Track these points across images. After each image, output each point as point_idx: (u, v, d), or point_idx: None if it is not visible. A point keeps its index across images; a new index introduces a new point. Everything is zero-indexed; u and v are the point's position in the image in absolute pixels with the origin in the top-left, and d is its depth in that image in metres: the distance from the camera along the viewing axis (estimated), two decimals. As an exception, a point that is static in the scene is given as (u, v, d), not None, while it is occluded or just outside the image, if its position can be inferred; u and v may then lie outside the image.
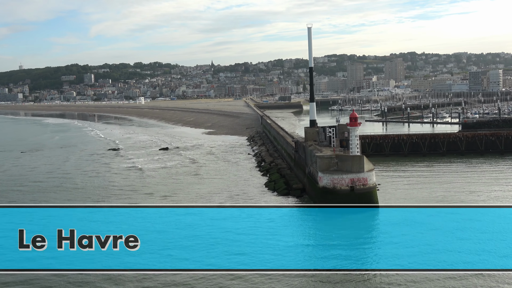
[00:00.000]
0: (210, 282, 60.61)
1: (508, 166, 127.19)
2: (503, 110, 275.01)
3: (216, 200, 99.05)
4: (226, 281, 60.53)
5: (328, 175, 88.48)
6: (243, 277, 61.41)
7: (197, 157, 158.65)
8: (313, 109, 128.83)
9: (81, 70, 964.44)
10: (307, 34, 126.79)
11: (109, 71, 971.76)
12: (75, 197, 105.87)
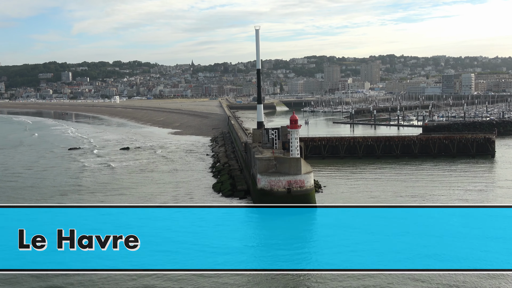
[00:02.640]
0: (140, 282, 61.32)
1: (454, 170, 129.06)
2: (470, 113, 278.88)
3: (158, 200, 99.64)
4: (155, 281, 61.38)
5: (266, 177, 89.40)
6: (174, 277, 62.47)
7: (155, 157, 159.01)
8: (261, 111, 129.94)
9: (59, 68, 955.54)
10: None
11: (88, 69, 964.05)
12: (13, 195, 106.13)
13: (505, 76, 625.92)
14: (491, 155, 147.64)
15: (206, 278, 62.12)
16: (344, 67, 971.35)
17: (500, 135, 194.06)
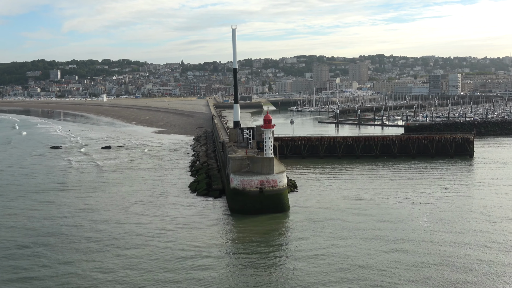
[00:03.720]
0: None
1: (430, 170, 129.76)
2: (454, 114, 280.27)
3: (132, 200, 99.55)
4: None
5: (238, 177, 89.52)
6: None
7: (135, 156, 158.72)
8: (237, 110, 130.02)
9: (47, 66, 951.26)
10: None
11: (76, 68, 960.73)
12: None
13: (492, 77, 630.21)
14: (469, 155, 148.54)
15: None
16: (334, 66, 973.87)
17: (481, 135, 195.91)
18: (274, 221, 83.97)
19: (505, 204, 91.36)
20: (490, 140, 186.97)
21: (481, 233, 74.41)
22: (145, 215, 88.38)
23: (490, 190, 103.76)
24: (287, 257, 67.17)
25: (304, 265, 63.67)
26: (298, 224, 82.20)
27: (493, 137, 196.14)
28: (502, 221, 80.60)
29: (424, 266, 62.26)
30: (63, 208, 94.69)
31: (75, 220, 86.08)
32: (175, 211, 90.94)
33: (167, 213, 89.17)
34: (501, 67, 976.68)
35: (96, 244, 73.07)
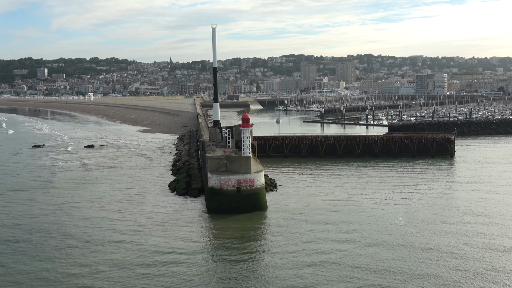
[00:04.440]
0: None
1: (408, 170, 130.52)
2: (439, 113, 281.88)
3: (109, 198, 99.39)
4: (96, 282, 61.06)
5: (216, 176, 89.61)
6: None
7: (118, 155, 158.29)
8: (217, 109, 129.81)
9: (34, 64, 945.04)
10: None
11: (64, 66, 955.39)
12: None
13: (478, 77, 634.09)
14: (450, 154, 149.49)
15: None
16: (322, 66, 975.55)
17: (464, 135, 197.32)
18: (250, 220, 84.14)
19: (480, 204, 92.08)
20: (471, 140, 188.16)
21: (454, 233, 74.99)
22: (122, 214, 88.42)
23: (467, 190, 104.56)
24: (261, 255, 67.53)
25: (278, 263, 63.99)
26: (273, 223, 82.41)
27: (476, 136, 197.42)
28: (475, 222, 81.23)
29: (394, 263, 62.70)
30: (40, 205, 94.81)
31: (52, 217, 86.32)
32: (152, 210, 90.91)
33: (143, 212, 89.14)
34: (488, 67, 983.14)
35: (72, 241, 73.63)
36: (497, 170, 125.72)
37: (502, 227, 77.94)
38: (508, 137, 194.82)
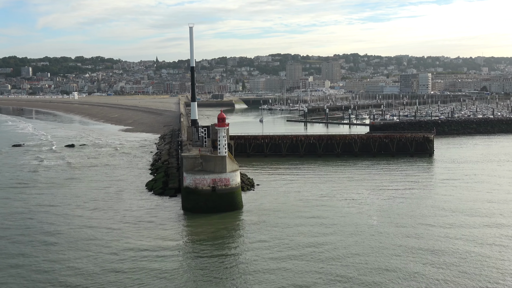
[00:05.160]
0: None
1: (386, 169, 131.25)
2: (422, 112, 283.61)
3: (85, 198, 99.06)
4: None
5: (191, 175, 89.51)
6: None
7: (98, 155, 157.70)
8: (195, 109, 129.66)
9: (19, 63, 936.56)
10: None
11: (49, 65, 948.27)
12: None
13: (462, 76, 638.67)
14: (429, 154, 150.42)
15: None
16: (308, 65, 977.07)
17: (444, 134, 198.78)
18: (225, 220, 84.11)
19: (454, 204, 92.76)
20: (452, 139, 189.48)
21: (427, 232, 75.54)
22: (96, 212, 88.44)
23: (442, 189, 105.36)
24: (234, 255, 67.77)
25: (250, 262, 64.29)
26: (248, 222, 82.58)
27: (456, 136, 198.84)
28: (449, 221, 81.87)
29: (363, 265, 63.11)
30: (14, 204, 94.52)
31: (26, 216, 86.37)
32: (127, 209, 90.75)
33: (118, 211, 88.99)
34: (473, 67, 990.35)
35: (45, 238, 74.22)
36: (474, 169, 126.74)
37: (473, 222, 78.70)
38: (488, 137, 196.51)
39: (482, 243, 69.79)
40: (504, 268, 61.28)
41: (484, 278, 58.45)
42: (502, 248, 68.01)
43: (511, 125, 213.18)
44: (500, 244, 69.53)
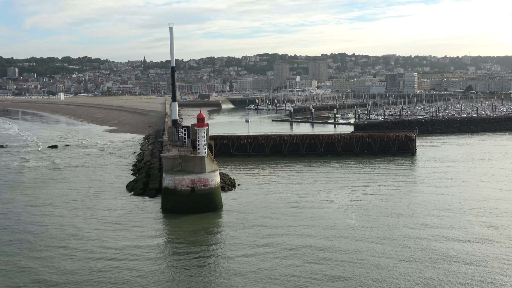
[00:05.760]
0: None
1: (368, 168, 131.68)
2: (407, 112, 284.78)
3: (64, 198, 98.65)
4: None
5: (170, 176, 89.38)
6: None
7: (80, 155, 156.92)
8: (175, 109, 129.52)
9: (5, 63, 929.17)
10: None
11: (35, 65, 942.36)
12: None
13: (448, 76, 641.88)
14: (411, 153, 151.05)
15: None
16: (296, 65, 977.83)
17: (428, 133, 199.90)
18: (203, 220, 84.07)
19: (432, 201, 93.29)
20: (435, 138, 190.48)
21: (402, 232, 75.91)
22: (74, 214, 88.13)
23: (423, 187, 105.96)
24: (211, 255, 67.82)
25: (228, 262, 64.50)
26: (226, 222, 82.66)
27: (439, 135, 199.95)
28: (426, 220, 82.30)
29: (340, 263, 63.33)
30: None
31: (5, 216, 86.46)
32: (105, 210, 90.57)
33: (96, 212, 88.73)
34: (460, 66, 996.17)
35: (22, 236, 74.84)
36: (454, 168, 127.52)
37: (451, 220, 79.24)
38: (470, 135, 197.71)
39: (460, 240, 70.31)
40: (479, 263, 61.77)
41: (463, 274, 58.99)
42: (480, 245, 68.52)
43: (494, 124, 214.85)
44: (478, 240, 70.06)
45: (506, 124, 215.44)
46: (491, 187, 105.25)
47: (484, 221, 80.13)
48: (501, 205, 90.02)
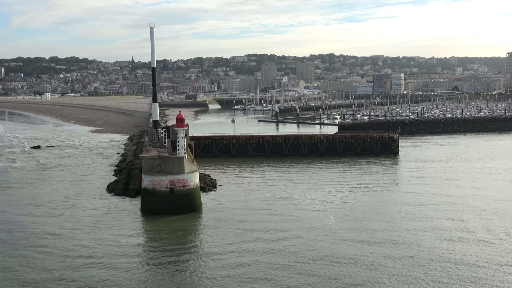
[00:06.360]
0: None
1: (350, 169, 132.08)
2: (392, 112, 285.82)
3: (44, 199, 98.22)
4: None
5: (149, 176, 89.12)
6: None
7: (64, 156, 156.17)
8: (156, 110, 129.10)
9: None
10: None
11: (22, 65, 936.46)
12: None
13: (435, 76, 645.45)
14: (394, 153, 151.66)
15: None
16: (284, 65, 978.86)
17: (412, 133, 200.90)
18: (182, 221, 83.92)
19: (410, 201, 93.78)
20: (418, 138, 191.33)
21: (380, 231, 76.22)
22: (52, 214, 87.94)
23: (402, 188, 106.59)
24: (189, 256, 67.81)
25: (206, 263, 64.51)
26: (205, 223, 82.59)
27: (423, 135, 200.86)
28: (404, 220, 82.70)
29: (317, 262, 63.51)
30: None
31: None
32: (84, 210, 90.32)
33: (74, 213, 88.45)
34: (447, 67, 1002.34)
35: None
36: (435, 168, 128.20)
37: (426, 222, 79.65)
38: (454, 136, 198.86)
39: (438, 238, 70.71)
40: (456, 260, 62.23)
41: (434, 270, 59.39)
42: (457, 243, 68.98)
43: (477, 124, 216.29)
44: (455, 239, 70.51)
45: (489, 124, 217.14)
46: (468, 186, 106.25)
47: (452, 218, 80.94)
48: (478, 204, 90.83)
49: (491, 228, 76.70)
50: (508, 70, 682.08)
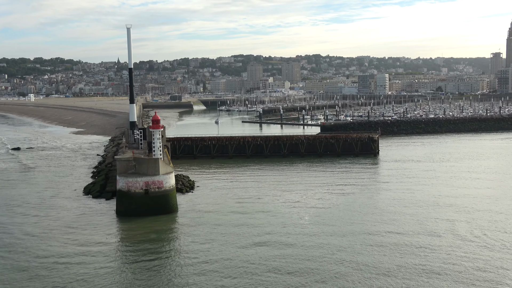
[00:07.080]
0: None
1: (330, 169, 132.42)
2: (376, 113, 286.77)
3: (19, 201, 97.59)
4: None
5: (124, 178, 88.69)
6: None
7: (43, 158, 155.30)
8: (133, 110, 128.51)
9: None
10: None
11: (6, 66, 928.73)
12: None
13: (419, 77, 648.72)
14: (373, 153, 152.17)
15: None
16: (271, 66, 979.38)
17: (394, 134, 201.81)
18: (156, 223, 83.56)
19: (385, 201, 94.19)
20: (399, 139, 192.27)
21: (356, 231, 76.48)
22: (26, 215, 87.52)
23: (380, 188, 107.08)
24: (163, 258, 67.59)
25: (180, 265, 64.41)
26: (180, 225, 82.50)
27: (405, 135, 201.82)
28: (380, 221, 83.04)
29: (289, 260, 63.65)
30: None
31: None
32: (59, 212, 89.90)
33: (49, 215, 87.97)
34: (433, 67, 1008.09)
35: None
36: (414, 168, 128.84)
37: (398, 223, 80.00)
38: (435, 136, 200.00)
39: (409, 233, 71.10)
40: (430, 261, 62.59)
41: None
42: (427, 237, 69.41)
43: (459, 124, 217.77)
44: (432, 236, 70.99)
45: (470, 125, 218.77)
46: (447, 185, 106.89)
47: (438, 217, 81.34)
48: (454, 201, 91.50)
49: (472, 227, 77.24)
50: (492, 71, 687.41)
